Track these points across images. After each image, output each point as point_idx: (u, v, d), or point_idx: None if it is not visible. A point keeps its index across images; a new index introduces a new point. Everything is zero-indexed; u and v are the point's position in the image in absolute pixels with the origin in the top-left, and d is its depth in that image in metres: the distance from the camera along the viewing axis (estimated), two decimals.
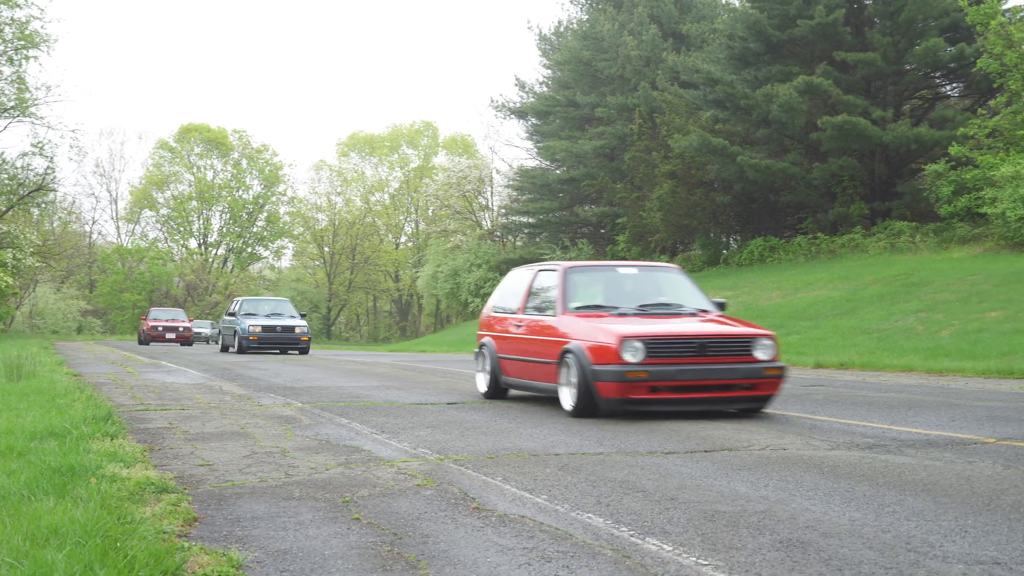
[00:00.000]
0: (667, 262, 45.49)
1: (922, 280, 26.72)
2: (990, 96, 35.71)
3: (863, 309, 25.15)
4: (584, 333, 10.15)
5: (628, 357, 9.55)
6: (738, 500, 5.81)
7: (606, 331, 9.88)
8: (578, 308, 10.82)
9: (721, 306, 11.39)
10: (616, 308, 10.82)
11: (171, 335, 41.62)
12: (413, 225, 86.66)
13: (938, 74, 39.36)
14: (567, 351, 10.18)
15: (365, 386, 14.41)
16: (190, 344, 42.01)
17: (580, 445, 8.06)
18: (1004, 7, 34.58)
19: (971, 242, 31.11)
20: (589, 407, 9.90)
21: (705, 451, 7.70)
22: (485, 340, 12.58)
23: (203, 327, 55.25)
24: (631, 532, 5.04)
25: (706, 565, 4.40)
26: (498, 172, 68.21)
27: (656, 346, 9.66)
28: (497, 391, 12.34)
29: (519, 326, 11.70)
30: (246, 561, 4.48)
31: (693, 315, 10.84)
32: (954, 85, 40.35)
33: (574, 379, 10.00)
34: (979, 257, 28.66)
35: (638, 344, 9.60)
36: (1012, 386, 13.59)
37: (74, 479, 6.03)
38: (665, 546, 4.74)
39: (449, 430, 9.05)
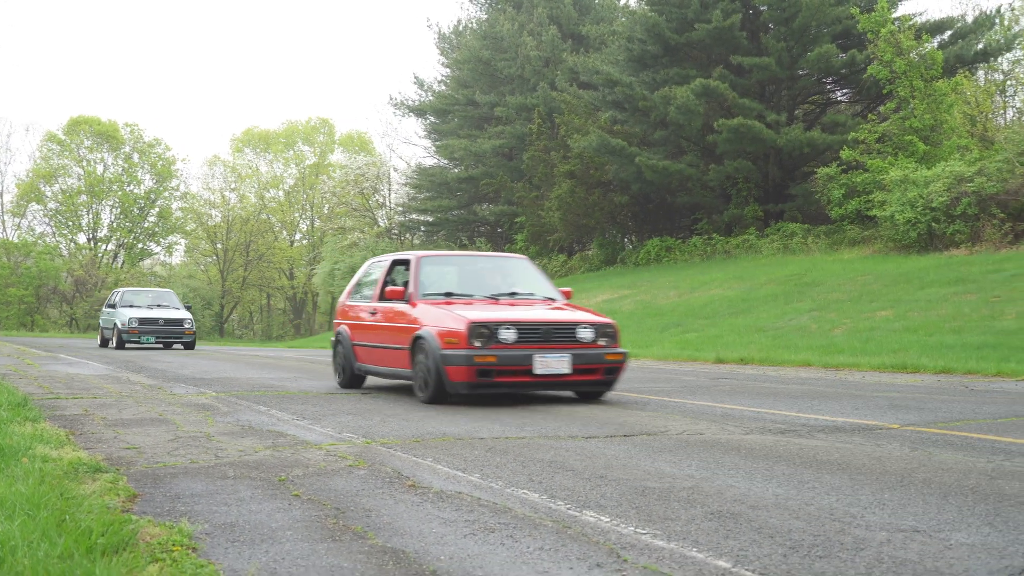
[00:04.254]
0: (563, 261, 45.91)
1: (814, 280, 27.39)
2: (879, 102, 36.72)
3: (758, 308, 25.71)
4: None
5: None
6: (665, 478, 6.02)
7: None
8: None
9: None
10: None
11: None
12: (308, 222, 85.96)
13: (830, 80, 40.32)
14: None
15: (275, 377, 14.39)
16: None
17: (502, 431, 8.22)
18: (894, 15, 35.66)
19: (861, 244, 31.97)
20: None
21: (624, 436, 7.91)
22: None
23: None
24: (568, 506, 5.21)
25: (644, 534, 4.59)
26: (396, 170, 68.09)
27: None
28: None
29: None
30: (197, 533, 4.56)
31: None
32: (845, 91, 41.37)
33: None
34: (869, 258, 29.47)
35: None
36: (906, 379, 14.08)
37: (5, 459, 6.02)
38: (603, 518, 4.92)
39: (370, 417, 9.15)
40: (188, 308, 30.30)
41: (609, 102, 42.36)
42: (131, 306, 28.43)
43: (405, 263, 11.81)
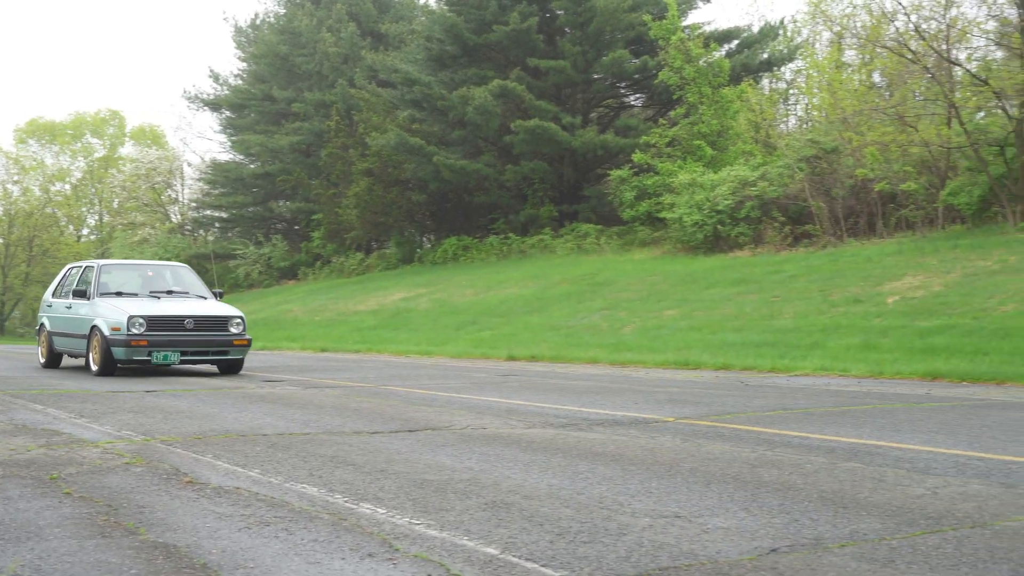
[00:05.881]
0: (360, 259, 45.73)
1: (606, 280, 28.04)
2: (670, 107, 37.75)
3: (552, 307, 26.16)
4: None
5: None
6: (444, 471, 6.13)
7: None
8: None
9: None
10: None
11: None
12: (97, 217, 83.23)
13: (623, 84, 41.33)
14: None
15: (56, 374, 13.95)
16: None
17: (287, 427, 8.19)
18: (684, 24, 36.82)
19: (651, 245, 32.87)
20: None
21: (409, 431, 7.99)
22: None
23: None
24: (345, 499, 5.26)
25: (419, 524, 4.68)
26: (189, 165, 66.54)
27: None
28: None
29: None
30: None
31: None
32: (638, 95, 42.46)
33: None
34: (658, 259, 30.33)
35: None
36: (687, 375, 14.61)
37: None
38: (379, 510, 4.99)
39: (152, 414, 8.98)
40: (219, 295, 16.34)
41: (408, 101, 42.37)
42: (119, 294, 15.32)
43: None
